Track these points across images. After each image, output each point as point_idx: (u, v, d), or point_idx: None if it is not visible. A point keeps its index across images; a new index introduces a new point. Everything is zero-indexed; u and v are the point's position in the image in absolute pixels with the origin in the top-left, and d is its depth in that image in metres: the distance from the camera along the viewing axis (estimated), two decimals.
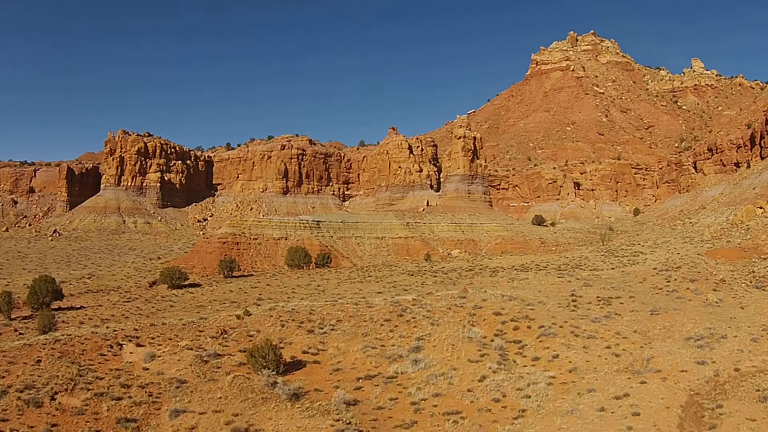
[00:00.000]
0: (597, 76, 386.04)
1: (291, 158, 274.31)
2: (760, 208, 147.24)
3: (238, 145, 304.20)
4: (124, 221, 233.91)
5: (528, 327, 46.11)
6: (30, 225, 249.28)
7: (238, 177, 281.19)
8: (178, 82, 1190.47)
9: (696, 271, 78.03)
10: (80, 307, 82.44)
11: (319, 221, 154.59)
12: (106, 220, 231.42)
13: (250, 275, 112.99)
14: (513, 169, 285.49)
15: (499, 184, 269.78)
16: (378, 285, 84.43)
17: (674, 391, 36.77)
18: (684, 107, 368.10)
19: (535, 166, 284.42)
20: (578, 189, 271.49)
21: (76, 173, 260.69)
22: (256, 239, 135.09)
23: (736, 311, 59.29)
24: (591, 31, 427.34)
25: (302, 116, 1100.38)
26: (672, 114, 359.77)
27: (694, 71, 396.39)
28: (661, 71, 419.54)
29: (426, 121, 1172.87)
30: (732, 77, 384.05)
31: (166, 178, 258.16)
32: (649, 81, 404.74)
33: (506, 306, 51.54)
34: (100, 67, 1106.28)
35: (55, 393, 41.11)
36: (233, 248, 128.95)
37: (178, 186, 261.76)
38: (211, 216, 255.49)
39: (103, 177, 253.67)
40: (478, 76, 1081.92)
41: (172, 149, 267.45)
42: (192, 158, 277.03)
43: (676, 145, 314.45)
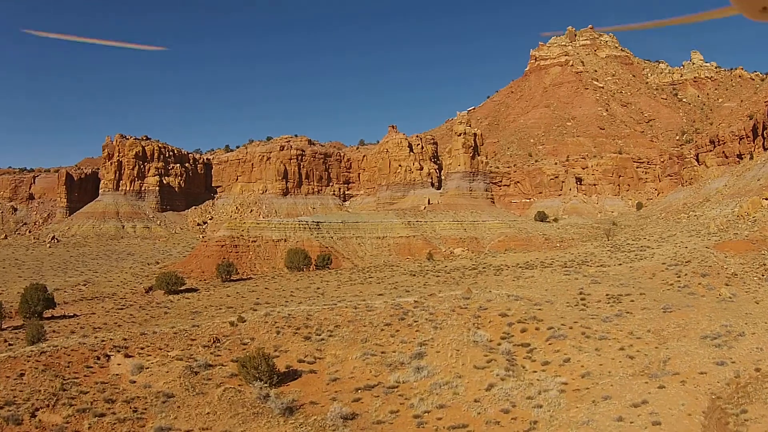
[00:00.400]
0: (596, 71, 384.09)
1: (290, 159, 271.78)
2: (766, 199, 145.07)
3: (236, 147, 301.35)
4: (123, 226, 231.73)
5: (536, 329, 43.63)
6: (30, 232, 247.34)
7: (237, 179, 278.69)
8: (177, 84, 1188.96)
9: (707, 265, 75.60)
10: (73, 316, 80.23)
11: (318, 222, 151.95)
12: (105, 226, 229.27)
13: (249, 278, 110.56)
14: (514, 165, 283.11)
15: (501, 181, 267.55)
16: (379, 286, 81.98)
17: (695, 395, 34.46)
18: (684, 100, 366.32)
19: (536, 162, 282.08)
20: (580, 184, 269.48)
21: (75, 179, 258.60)
22: (255, 241, 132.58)
23: (751, 306, 57.25)
24: (589, 26, 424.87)
25: (302, 117, 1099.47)
26: (672, 107, 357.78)
27: (693, 64, 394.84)
28: (661, 64, 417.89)
29: (426, 120, 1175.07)
30: (731, 69, 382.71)
31: (164, 182, 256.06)
32: (649, 74, 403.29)
33: (512, 306, 49.08)
34: (98, 71, 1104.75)
35: (36, 409, 39.16)
36: (231, 251, 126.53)
37: (177, 189, 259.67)
38: (210, 219, 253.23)
39: (102, 182, 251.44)
40: (477, 74, 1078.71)
41: (171, 152, 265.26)
42: (191, 161, 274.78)
43: (678, 138, 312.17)
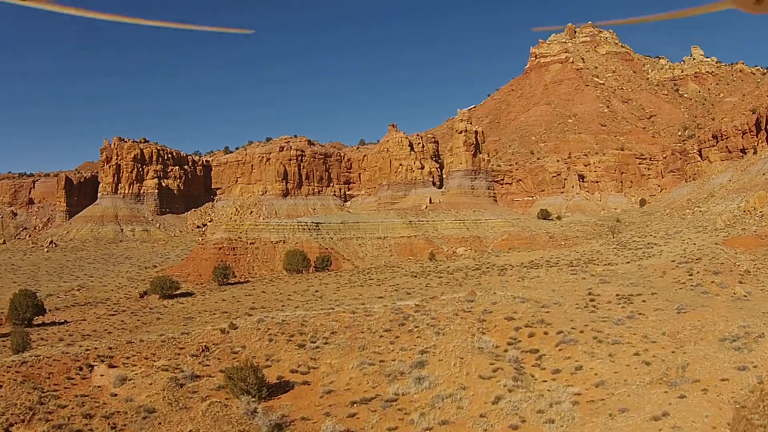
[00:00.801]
0: (597, 67, 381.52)
1: (290, 160, 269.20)
2: None
3: (236, 149, 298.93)
4: (122, 229, 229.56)
5: (545, 333, 40.91)
6: (30, 237, 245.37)
7: (237, 181, 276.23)
8: (175, 87, 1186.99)
9: (718, 262, 72.91)
10: (63, 322, 77.73)
11: (318, 223, 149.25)
12: (104, 229, 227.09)
13: (246, 282, 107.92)
14: (516, 163, 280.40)
15: (503, 179, 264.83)
16: (379, 289, 79.25)
17: (718, 405, 31.86)
18: (685, 95, 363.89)
19: (538, 159, 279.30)
20: (582, 181, 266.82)
21: (75, 183, 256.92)
22: (253, 243, 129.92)
23: (767, 305, 54.54)
24: (589, 23, 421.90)
25: (302, 118, 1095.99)
26: (674, 102, 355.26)
27: (694, 59, 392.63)
28: (661, 60, 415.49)
29: (426, 119, 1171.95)
30: (732, 64, 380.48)
31: (163, 185, 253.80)
32: (649, 70, 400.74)
33: (519, 309, 46.39)
34: (96, 75, 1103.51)
35: (11, 425, 36.78)
36: (229, 254, 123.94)
37: (176, 192, 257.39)
38: (210, 221, 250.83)
39: (100, 185, 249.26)
40: (477, 72, 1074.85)
41: (169, 155, 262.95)
42: (190, 163, 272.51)
43: (680, 133, 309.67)
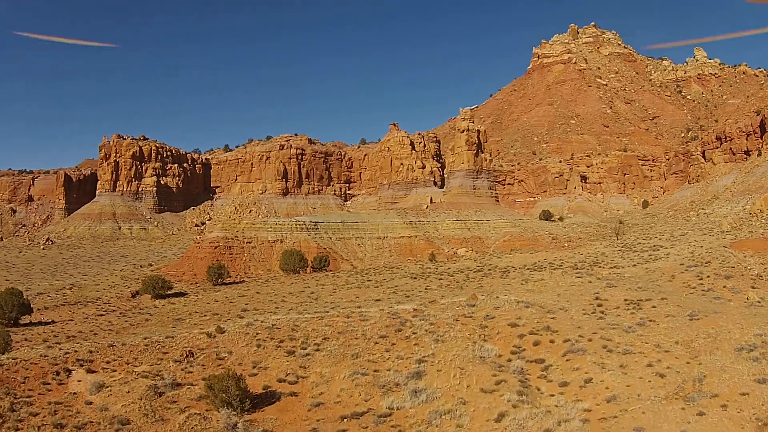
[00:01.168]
0: (599, 68, 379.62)
1: (290, 158, 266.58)
2: None
3: (236, 147, 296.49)
4: (120, 227, 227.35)
5: (551, 341, 38.31)
6: (28, 234, 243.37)
7: (236, 179, 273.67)
8: (176, 86, 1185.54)
9: (729, 266, 70.28)
10: (50, 322, 75.21)
11: (316, 222, 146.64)
12: (101, 227, 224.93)
13: (242, 282, 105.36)
14: (518, 163, 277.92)
15: (504, 180, 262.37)
16: (377, 291, 76.63)
17: (740, 423, 29.28)
18: (688, 97, 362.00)
19: (540, 160, 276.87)
20: (585, 182, 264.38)
21: (74, 180, 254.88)
22: (250, 242, 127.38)
23: None
24: (592, 23, 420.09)
25: (303, 118, 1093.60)
26: (676, 104, 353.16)
27: (697, 60, 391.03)
28: (664, 61, 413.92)
29: (428, 119, 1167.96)
30: (735, 66, 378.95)
31: (162, 182, 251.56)
32: (652, 71, 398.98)
33: (523, 315, 43.80)
34: (97, 73, 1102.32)
35: None
36: (225, 253, 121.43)
37: (174, 190, 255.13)
38: (209, 220, 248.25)
39: (99, 183, 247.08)
40: (479, 72, 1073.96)
41: (168, 152, 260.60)
42: (189, 161, 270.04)
43: (683, 135, 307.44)
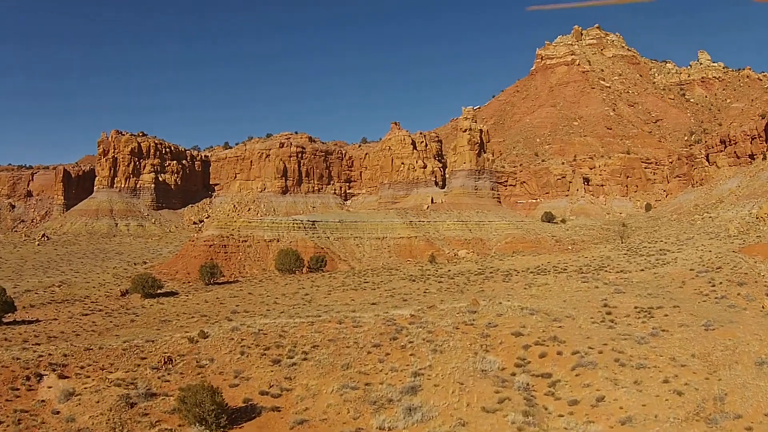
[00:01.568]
0: (603, 70, 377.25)
1: (290, 156, 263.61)
2: None
3: (236, 144, 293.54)
4: (117, 224, 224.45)
5: (558, 353, 35.36)
6: (26, 229, 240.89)
7: (235, 177, 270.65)
8: (178, 83, 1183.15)
9: (741, 272, 67.31)
10: (34, 321, 72.29)
11: (314, 221, 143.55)
12: (98, 224, 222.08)
13: (235, 281, 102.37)
14: (520, 165, 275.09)
15: (506, 181, 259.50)
16: (374, 293, 73.60)
17: None
18: (692, 100, 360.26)
19: (542, 161, 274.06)
20: (587, 184, 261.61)
21: (73, 176, 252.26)
22: (246, 241, 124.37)
23: None
24: (596, 25, 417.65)
25: (304, 117, 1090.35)
26: (680, 107, 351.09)
27: (700, 64, 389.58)
28: (668, 64, 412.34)
29: (430, 119, 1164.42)
30: (739, 69, 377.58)
31: (160, 179, 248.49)
32: (656, 74, 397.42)
33: (527, 323, 40.85)
34: (99, 69, 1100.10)
35: None
36: (220, 251, 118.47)
37: (173, 187, 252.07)
38: (207, 217, 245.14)
39: (96, 179, 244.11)
40: (482, 73, 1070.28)
41: (167, 149, 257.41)
42: (188, 158, 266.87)
43: (686, 138, 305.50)
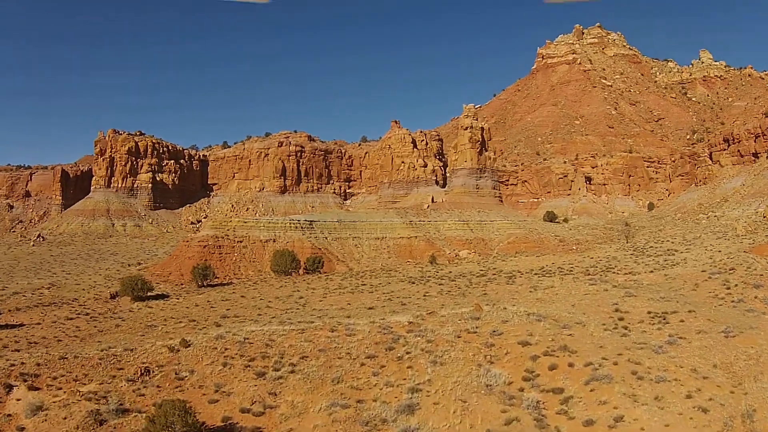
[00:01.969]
0: (604, 69, 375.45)
1: (289, 155, 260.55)
2: None
3: (234, 143, 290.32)
4: (113, 224, 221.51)
5: (570, 365, 32.31)
6: (25, 230, 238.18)
7: (234, 176, 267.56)
8: (176, 83, 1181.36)
9: (756, 273, 64.24)
10: (18, 325, 69.29)
11: (312, 221, 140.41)
12: (94, 224, 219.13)
13: (229, 283, 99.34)
14: (521, 164, 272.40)
15: (508, 180, 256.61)
16: (371, 297, 70.49)
17: None
18: (694, 99, 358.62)
19: (544, 160, 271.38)
20: (589, 183, 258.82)
21: (72, 176, 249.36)
22: (241, 242, 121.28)
23: None
24: (597, 24, 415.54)
25: (303, 116, 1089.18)
26: (682, 106, 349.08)
27: (702, 62, 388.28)
28: (669, 63, 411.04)
29: (431, 118, 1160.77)
30: (741, 68, 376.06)
31: (158, 179, 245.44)
32: (657, 73, 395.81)
33: (535, 330, 37.84)
34: (98, 68, 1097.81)
35: None
36: (215, 252, 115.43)
37: (170, 186, 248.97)
38: (205, 217, 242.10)
39: (93, 178, 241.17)
40: (483, 72, 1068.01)
41: (165, 148, 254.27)
42: (186, 157, 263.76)
43: (688, 137, 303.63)
